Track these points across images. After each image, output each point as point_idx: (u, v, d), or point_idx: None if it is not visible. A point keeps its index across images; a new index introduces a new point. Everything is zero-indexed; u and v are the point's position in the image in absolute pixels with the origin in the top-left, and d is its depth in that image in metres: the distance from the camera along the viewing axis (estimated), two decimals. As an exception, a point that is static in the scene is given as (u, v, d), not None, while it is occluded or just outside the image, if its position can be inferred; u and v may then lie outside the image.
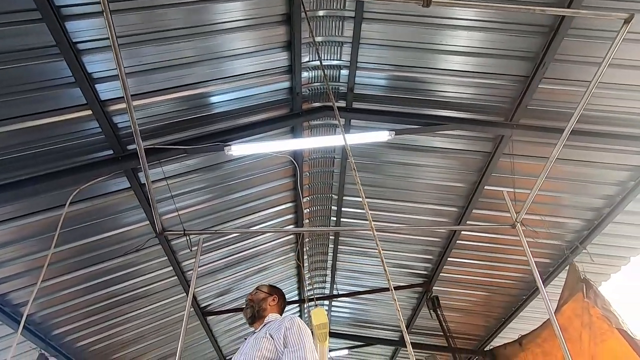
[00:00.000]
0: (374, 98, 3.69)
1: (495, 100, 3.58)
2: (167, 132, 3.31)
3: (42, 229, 3.28)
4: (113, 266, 4.03)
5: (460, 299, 6.15)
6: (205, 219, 4.25)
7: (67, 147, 2.96)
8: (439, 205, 4.71)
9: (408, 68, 3.44)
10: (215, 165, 3.81)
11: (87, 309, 4.27)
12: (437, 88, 3.56)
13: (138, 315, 4.82)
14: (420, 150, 4.11)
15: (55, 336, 4.29)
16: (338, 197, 4.91)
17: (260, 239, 5.11)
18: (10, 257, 3.36)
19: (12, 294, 3.64)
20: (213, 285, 5.31)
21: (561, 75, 3.27)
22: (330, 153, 4.39)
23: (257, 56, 3.18)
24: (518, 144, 3.77)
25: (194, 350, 6.23)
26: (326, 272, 6.46)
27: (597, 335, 4.25)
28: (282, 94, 3.58)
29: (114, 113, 2.98)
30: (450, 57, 3.32)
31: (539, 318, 5.68)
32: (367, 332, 7.70)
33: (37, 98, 2.65)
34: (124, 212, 3.67)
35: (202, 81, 3.15)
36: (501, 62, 3.28)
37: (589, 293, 4.32)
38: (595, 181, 4.06)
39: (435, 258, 5.53)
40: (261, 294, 2.13)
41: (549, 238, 4.66)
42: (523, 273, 5.37)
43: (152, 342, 5.36)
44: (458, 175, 4.31)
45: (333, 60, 3.45)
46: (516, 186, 4.00)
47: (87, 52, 2.58)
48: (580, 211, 4.40)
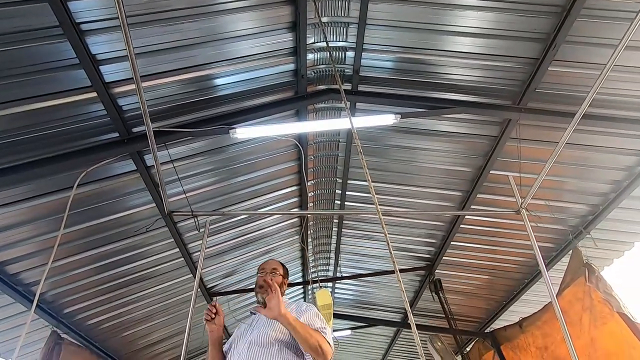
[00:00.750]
0: (379, 80, 3.64)
1: (503, 83, 3.51)
2: (173, 114, 3.31)
3: (52, 211, 3.34)
4: (121, 247, 4.11)
5: (463, 282, 6.23)
6: (211, 201, 4.29)
7: (73, 129, 2.97)
8: (444, 189, 4.71)
9: (415, 50, 3.37)
10: (220, 148, 3.81)
11: (97, 289, 4.38)
12: (444, 70, 3.50)
13: (146, 295, 4.94)
14: (425, 134, 4.08)
15: (67, 314, 4.42)
16: (342, 181, 4.92)
17: (265, 222, 5.17)
18: (22, 238, 3.43)
19: (24, 274, 3.73)
20: (219, 267, 5.40)
21: (572, 58, 3.19)
22: (335, 136, 4.37)
23: (262, 37, 3.13)
24: (525, 128, 3.73)
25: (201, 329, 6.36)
26: (330, 254, 6.54)
27: (597, 318, 4.31)
28: (287, 76, 3.54)
29: (119, 95, 2.97)
30: (458, 38, 3.24)
31: (539, 301, 5.74)
32: (369, 313, 7.85)
33: (41, 80, 2.65)
34: (130, 195, 3.71)
35: (206, 63, 3.12)
36: (510, 44, 3.21)
37: (591, 277, 4.35)
38: (602, 166, 4.02)
39: (439, 242, 5.57)
40: (279, 278, 2.06)
41: (553, 223, 4.66)
42: (526, 257, 5.40)
43: (159, 321, 5.50)
44: (463, 160, 4.29)
45: (339, 42, 3.39)
46: (522, 171, 3.98)
47: (91, 32, 2.56)
48: (585, 196, 4.38)
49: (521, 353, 5.73)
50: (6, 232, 3.31)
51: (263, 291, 1.92)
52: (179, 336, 5.96)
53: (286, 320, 1.67)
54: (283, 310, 1.65)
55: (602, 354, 4.26)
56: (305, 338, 1.69)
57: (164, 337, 5.87)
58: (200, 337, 6.53)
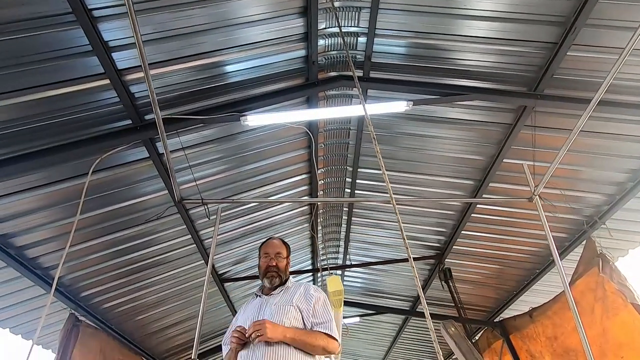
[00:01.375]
0: (391, 67, 3.58)
1: (519, 68, 3.42)
2: (183, 102, 3.31)
3: (67, 197, 3.40)
4: (135, 233, 4.18)
5: (473, 272, 6.21)
6: (221, 189, 4.32)
7: (86, 116, 3.00)
8: (455, 178, 4.66)
9: (428, 35, 3.30)
10: (231, 136, 3.82)
11: (112, 273, 4.49)
12: (458, 56, 3.42)
13: (159, 281, 5.05)
14: (437, 121, 4.02)
15: (84, 297, 4.55)
16: (353, 169, 4.90)
17: (275, 210, 5.20)
18: (40, 223, 3.51)
19: (42, 258, 3.83)
20: (230, 254, 5.48)
21: (592, 42, 3.09)
22: (345, 124, 4.33)
23: (272, 23, 3.09)
24: (541, 115, 3.64)
25: (212, 314, 6.53)
26: (339, 242, 6.57)
27: (610, 309, 4.28)
28: (297, 63, 3.51)
29: (131, 82, 2.98)
30: (473, 22, 3.16)
31: (550, 292, 5.70)
32: (378, 301, 7.91)
33: (54, 67, 2.66)
34: (143, 182, 3.75)
35: (216, 49, 3.10)
36: (528, 28, 3.11)
37: (604, 268, 4.30)
38: (619, 154, 3.92)
39: (449, 231, 5.54)
40: (284, 261, 2.06)
41: (567, 212, 4.59)
42: (537, 247, 5.34)
43: (172, 306, 5.62)
44: (476, 148, 4.23)
45: (350, 27, 3.33)
46: (536, 159, 3.90)
47: (103, 19, 2.55)
48: (601, 185, 4.29)
49: (530, 342, 5.73)
50: (25, 217, 3.40)
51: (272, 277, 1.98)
52: (190, 321, 6.10)
53: (289, 340, 1.71)
54: (280, 336, 1.69)
55: (613, 344, 4.23)
56: (311, 347, 1.75)
57: (176, 322, 6.01)
58: (212, 322, 6.70)
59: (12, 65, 2.51)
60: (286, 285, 2.01)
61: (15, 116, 2.77)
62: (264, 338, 1.65)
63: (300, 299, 1.89)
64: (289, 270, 2.12)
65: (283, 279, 2.02)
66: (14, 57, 2.49)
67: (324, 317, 1.85)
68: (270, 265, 2.02)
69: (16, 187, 3.17)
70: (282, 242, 2.16)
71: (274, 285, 1.99)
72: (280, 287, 2.00)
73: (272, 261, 2.03)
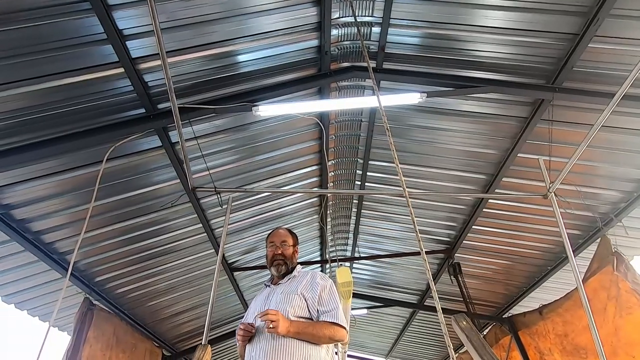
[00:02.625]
0: (405, 58, 3.53)
1: (537, 60, 3.33)
2: (196, 91, 3.33)
3: (82, 184, 3.47)
4: (147, 221, 4.26)
5: (482, 267, 6.16)
6: (232, 179, 4.35)
7: (101, 105, 3.04)
8: (467, 172, 4.60)
9: (443, 25, 3.22)
10: (242, 126, 3.83)
11: (125, 260, 4.58)
12: (474, 47, 3.35)
13: (170, 268, 5.14)
14: (450, 114, 3.96)
15: (98, 282, 4.67)
16: (363, 161, 4.87)
17: (285, 200, 5.22)
18: (55, 209, 3.60)
19: (58, 243, 3.94)
20: (240, 243, 5.54)
21: (616, 33, 2.98)
22: (357, 116, 4.30)
23: (286, 12, 3.06)
24: (558, 109, 3.55)
25: (222, 302, 6.64)
26: (348, 234, 6.58)
27: (623, 308, 4.20)
28: (310, 53, 3.48)
29: (145, 71, 3.00)
30: (490, 12, 3.07)
31: (561, 289, 5.63)
32: (386, 294, 7.92)
33: (69, 55, 2.69)
34: (156, 170, 3.80)
35: (229, 39, 3.09)
36: (547, 18, 3.01)
37: (619, 266, 4.22)
38: (639, 151, 3.81)
39: (460, 225, 5.50)
40: (290, 249, 2.07)
41: (582, 209, 4.49)
42: (549, 244, 5.26)
43: (183, 293, 5.73)
44: (489, 142, 4.16)
45: (364, 17, 3.27)
46: (552, 154, 3.81)
47: (118, 7, 2.56)
48: (619, 182, 4.19)
49: (539, 339, 5.69)
50: (42, 203, 3.48)
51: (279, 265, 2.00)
52: (200, 308, 6.22)
53: (293, 334, 1.70)
54: (285, 330, 1.67)
55: (625, 343, 4.17)
56: (317, 338, 1.74)
57: (186, 309, 6.13)
58: (221, 309, 6.81)
59: (29, 53, 2.55)
60: (293, 274, 2.02)
61: (31, 104, 2.82)
62: (275, 331, 1.65)
63: (306, 287, 1.89)
64: (297, 259, 2.12)
65: (289, 266, 2.04)
66: (31, 45, 2.52)
67: (330, 305, 1.84)
68: (277, 253, 2.05)
69: (33, 173, 3.24)
70: (289, 231, 2.18)
71: (280, 272, 2.01)
72: (288, 275, 2.01)
73: (278, 249, 2.05)
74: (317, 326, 1.77)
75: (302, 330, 1.72)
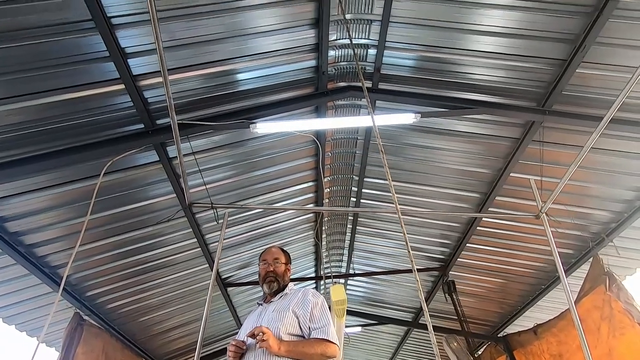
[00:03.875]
0: (400, 79, 3.63)
1: (528, 84, 3.45)
2: (195, 108, 3.38)
3: (78, 197, 3.47)
4: (142, 235, 4.24)
5: (477, 285, 6.16)
6: (229, 194, 4.37)
7: (101, 120, 3.08)
8: (460, 190, 4.66)
9: (437, 48, 3.34)
10: (240, 142, 3.88)
11: (117, 274, 4.53)
12: (467, 70, 3.46)
13: (163, 283, 5.08)
14: (444, 133, 4.04)
15: (89, 297, 4.60)
16: (359, 179, 4.93)
17: (280, 216, 5.23)
18: (50, 222, 3.58)
19: (51, 257, 3.90)
20: (234, 258, 5.51)
21: (602, 60, 3.10)
22: (353, 134, 4.37)
23: (285, 33, 3.16)
24: (549, 130, 3.65)
25: (215, 319, 6.54)
26: (343, 251, 6.57)
27: (616, 328, 4.21)
28: (307, 73, 3.56)
29: (145, 88, 3.06)
30: (482, 37, 3.19)
31: (555, 308, 5.63)
32: (380, 311, 7.85)
33: (72, 72, 2.75)
34: (152, 185, 3.81)
35: (229, 58, 3.17)
36: (537, 44, 3.13)
37: (611, 286, 4.25)
38: (628, 172, 3.90)
39: (454, 243, 5.52)
40: (282, 266, 2.08)
41: (574, 229, 4.55)
42: (543, 262, 5.30)
43: (175, 308, 5.65)
44: (482, 161, 4.23)
45: (361, 39, 3.38)
46: (543, 174, 3.89)
47: (121, 26, 2.64)
48: (609, 203, 4.26)
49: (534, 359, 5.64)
50: (36, 216, 3.47)
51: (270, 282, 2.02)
52: (192, 324, 6.12)
53: (284, 353, 1.69)
54: (276, 348, 1.66)
55: (619, 364, 4.15)
56: (308, 355, 1.73)
57: (178, 325, 6.03)
58: (214, 326, 6.70)
59: (32, 69, 2.60)
60: (285, 291, 2.03)
61: (32, 118, 2.85)
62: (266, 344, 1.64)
63: (297, 305, 1.89)
64: (289, 276, 2.14)
65: (281, 284, 2.05)
66: (34, 61, 2.58)
67: (322, 322, 1.84)
68: (269, 270, 2.06)
69: (29, 186, 3.24)
70: (281, 249, 2.20)
71: (272, 290, 2.02)
72: (280, 293, 2.02)
73: (270, 267, 2.07)
74: (308, 343, 1.77)
75: (293, 348, 1.72)
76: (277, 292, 2.03)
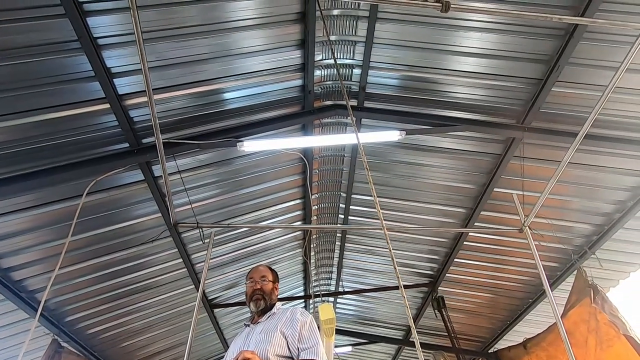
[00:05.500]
0: (385, 97, 3.71)
1: (507, 102, 3.57)
2: (181, 126, 3.38)
3: (59, 218, 3.38)
4: (125, 256, 4.13)
5: (466, 300, 6.16)
6: (215, 213, 4.32)
7: (85, 139, 3.04)
8: (447, 205, 4.72)
9: (420, 68, 3.45)
10: (226, 161, 3.87)
11: (99, 297, 4.38)
12: (449, 89, 3.57)
13: (147, 305, 4.92)
14: (429, 150, 4.12)
15: (67, 322, 4.41)
16: (346, 195, 4.94)
17: (268, 234, 5.18)
18: (28, 245, 3.46)
19: (28, 280, 3.75)
20: (221, 278, 5.39)
21: (575, 79, 3.25)
22: (340, 151, 4.42)
23: (271, 54, 3.22)
24: (529, 146, 3.76)
25: (200, 342, 6.33)
26: (332, 269, 6.51)
27: (603, 341, 4.24)
28: (294, 92, 3.62)
29: (131, 107, 3.05)
30: (462, 58, 3.32)
31: (544, 322, 5.66)
32: (371, 329, 7.74)
33: (57, 91, 2.73)
34: (137, 204, 3.75)
35: (215, 78, 3.20)
36: (514, 65, 3.27)
37: (596, 298, 4.30)
38: (606, 186, 4.03)
39: (442, 258, 5.54)
40: (269, 284, 2.06)
41: (557, 242, 4.64)
42: (530, 276, 5.35)
43: (159, 332, 5.46)
44: (467, 177, 4.32)
45: (346, 59, 3.47)
46: (525, 189, 3.99)
47: (107, 47, 2.65)
48: (589, 216, 4.38)
49: (525, 374, 5.61)
50: (13, 238, 3.35)
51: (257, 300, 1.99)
52: (177, 348, 5.91)
53: None
54: None
55: (608, 377, 4.16)
56: None
57: (162, 349, 5.81)
58: (200, 349, 6.48)
59: (18, 88, 2.59)
60: (273, 311, 1.99)
61: (15, 137, 2.80)
62: None
63: (286, 325, 1.85)
64: (277, 295, 2.11)
65: (268, 301, 2.01)
66: (21, 80, 2.56)
67: (310, 342, 1.80)
68: (256, 288, 2.03)
69: (7, 207, 3.15)
70: (268, 268, 2.18)
71: (259, 308, 1.99)
72: (267, 313, 1.98)
73: (257, 284, 2.04)
74: None
75: None
76: (264, 311, 1.99)
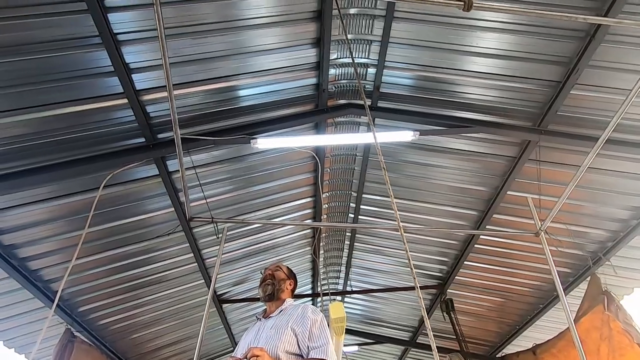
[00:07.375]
0: (399, 97, 3.69)
1: (523, 104, 3.52)
2: (197, 122, 3.41)
3: (76, 210, 3.45)
4: (138, 250, 4.19)
5: (475, 304, 6.10)
6: (227, 209, 4.36)
7: (103, 133, 3.10)
8: (459, 207, 4.68)
9: (435, 69, 3.42)
10: (240, 157, 3.90)
11: (111, 289, 4.46)
12: (464, 90, 3.54)
13: (158, 299, 4.99)
14: (441, 151, 4.09)
15: (80, 313, 4.50)
16: (357, 195, 4.94)
17: (278, 232, 5.20)
18: (45, 235, 3.54)
19: (44, 270, 3.83)
20: (230, 274, 5.44)
21: (595, 82, 3.19)
22: (352, 150, 4.41)
23: (286, 52, 3.24)
24: (545, 150, 3.70)
25: (209, 337, 6.39)
26: (340, 268, 6.51)
27: (616, 349, 4.16)
28: (308, 90, 3.63)
29: (148, 102, 3.09)
30: (478, 59, 3.28)
31: (554, 328, 5.57)
32: (377, 330, 7.73)
33: (77, 85, 2.79)
34: (151, 198, 3.80)
35: (231, 75, 3.23)
36: (532, 66, 3.23)
37: (610, 306, 4.22)
38: (623, 192, 3.95)
39: (452, 261, 5.50)
40: (282, 274, 2.08)
41: (571, 247, 4.56)
42: (541, 281, 5.28)
43: (169, 325, 5.53)
44: (480, 179, 4.27)
45: (361, 59, 3.46)
46: (541, 193, 3.93)
47: (127, 43, 2.69)
48: (605, 222, 4.29)
49: (534, 381, 5.54)
50: (32, 229, 3.43)
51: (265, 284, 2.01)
52: (186, 341, 5.97)
53: None
54: None
55: (620, 386, 4.09)
56: None
57: (171, 342, 5.89)
58: (207, 344, 6.55)
59: (39, 82, 2.64)
60: (284, 305, 1.99)
61: (35, 130, 2.87)
62: None
63: (296, 322, 1.84)
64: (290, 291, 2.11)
65: (277, 287, 2.02)
66: (42, 75, 2.62)
67: (320, 341, 1.79)
68: (267, 274, 2.07)
69: (27, 198, 3.22)
70: (286, 266, 2.20)
71: (266, 292, 2.00)
72: (279, 308, 1.98)
73: (268, 271, 2.08)
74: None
75: None
76: (271, 297, 2.00)
